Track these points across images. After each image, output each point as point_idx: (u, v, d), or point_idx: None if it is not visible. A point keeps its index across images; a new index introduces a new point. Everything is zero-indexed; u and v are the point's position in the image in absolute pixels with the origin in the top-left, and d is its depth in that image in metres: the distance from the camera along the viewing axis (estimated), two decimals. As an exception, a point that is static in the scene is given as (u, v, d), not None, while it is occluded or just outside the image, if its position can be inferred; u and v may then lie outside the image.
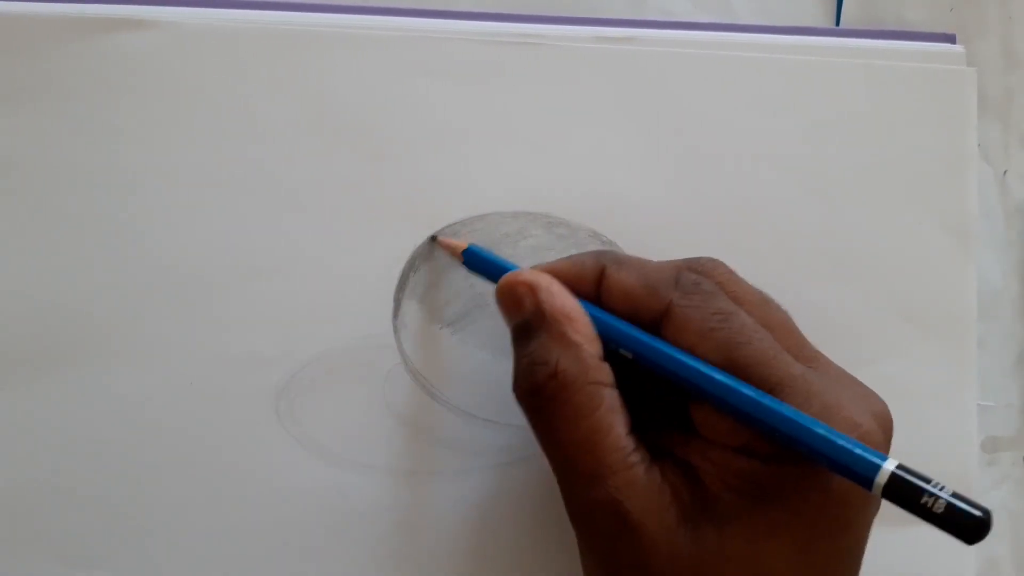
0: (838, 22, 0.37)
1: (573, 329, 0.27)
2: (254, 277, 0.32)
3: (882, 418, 0.26)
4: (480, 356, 0.32)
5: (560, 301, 0.27)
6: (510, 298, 0.28)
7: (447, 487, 0.32)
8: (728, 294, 0.27)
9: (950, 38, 0.36)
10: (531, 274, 0.28)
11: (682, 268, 0.28)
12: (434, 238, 0.32)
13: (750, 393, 0.25)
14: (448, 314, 0.33)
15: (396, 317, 0.33)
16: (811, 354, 0.27)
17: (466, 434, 0.33)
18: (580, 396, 0.26)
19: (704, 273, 0.28)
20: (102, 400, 0.32)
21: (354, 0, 0.35)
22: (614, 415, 0.26)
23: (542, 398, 0.26)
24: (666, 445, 0.27)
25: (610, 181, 0.34)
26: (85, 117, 0.32)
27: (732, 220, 0.34)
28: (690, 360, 0.26)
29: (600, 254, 0.29)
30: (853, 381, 0.27)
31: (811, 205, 0.34)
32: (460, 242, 0.31)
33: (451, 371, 0.33)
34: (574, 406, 0.26)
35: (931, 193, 0.35)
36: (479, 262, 0.31)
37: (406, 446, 0.32)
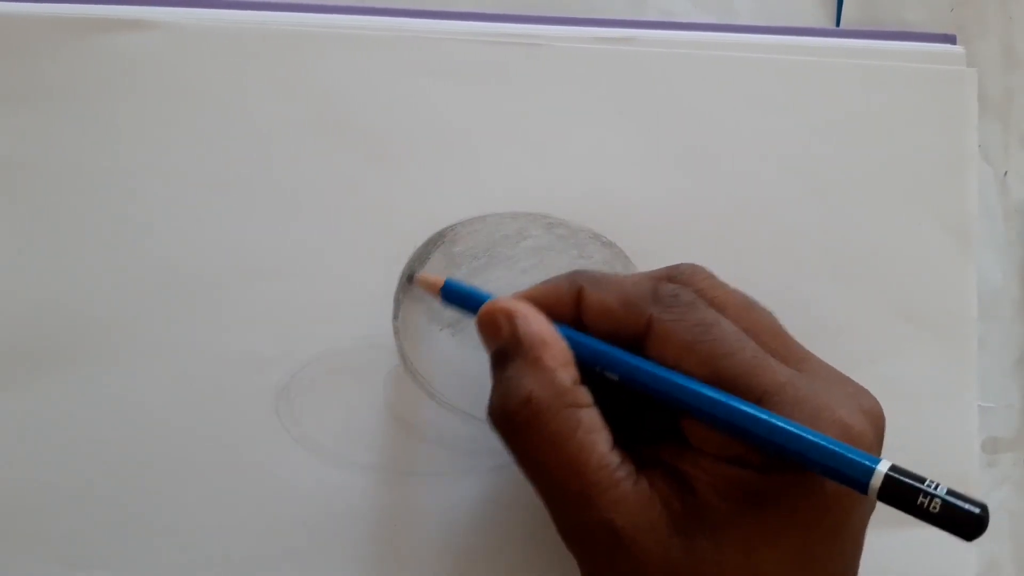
0: (838, 23, 0.37)
1: (548, 355, 0.27)
2: (254, 277, 0.32)
3: (873, 415, 0.26)
4: (480, 357, 0.32)
5: (536, 327, 0.27)
6: (489, 325, 0.28)
7: (447, 487, 0.32)
8: (709, 300, 0.27)
9: (950, 38, 0.36)
10: (508, 301, 0.28)
11: (660, 280, 0.28)
12: (411, 279, 0.32)
13: (738, 406, 0.25)
14: (448, 315, 0.33)
15: (396, 317, 0.33)
16: (799, 355, 0.27)
17: (466, 434, 0.33)
18: (556, 421, 0.26)
19: (683, 281, 0.28)
20: (102, 400, 0.32)
21: (354, 0, 0.35)
22: (594, 434, 0.26)
23: (515, 424, 0.26)
24: (656, 455, 0.27)
25: (610, 181, 0.34)
26: (85, 117, 0.32)
27: (732, 220, 0.34)
28: (675, 378, 0.26)
29: (575, 275, 0.29)
30: (842, 379, 0.27)
31: (811, 205, 0.34)
32: (437, 278, 0.31)
33: (451, 371, 0.33)
34: (551, 431, 0.26)
35: (931, 193, 0.35)
36: (457, 296, 0.31)
37: (406, 446, 0.32)
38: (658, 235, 0.34)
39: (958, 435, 0.34)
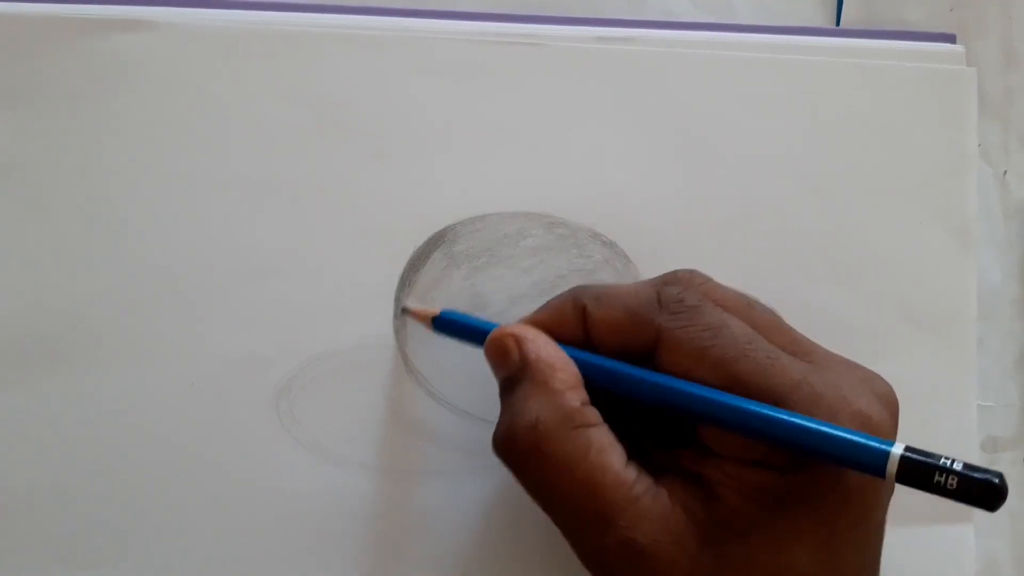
0: (838, 22, 0.37)
1: (556, 378, 0.26)
2: (254, 277, 0.32)
3: (887, 400, 0.26)
4: (480, 357, 0.32)
5: (544, 351, 0.27)
6: (498, 352, 0.28)
7: (447, 487, 0.32)
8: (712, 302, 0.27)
9: (950, 38, 0.36)
10: (517, 327, 0.28)
11: (661, 285, 0.27)
12: (405, 310, 0.32)
13: (752, 409, 0.25)
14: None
15: (396, 317, 0.33)
16: (806, 348, 0.27)
17: (466, 434, 0.33)
18: (566, 443, 0.25)
19: (684, 285, 0.27)
20: (102, 400, 0.32)
21: (354, 0, 0.35)
22: (607, 453, 0.25)
23: (521, 450, 0.26)
24: (673, 460, 0.27)
25: (610, 181, 0.34)
26: (84, 117, 0.32)
27: (732, 220, 0.34)
28: (689, 388, 0.26)
29: (577, 294, 0.28)
30: (852, 367, 0.27)
31: (811, 205, 0.34)
32: (431, 310, 0.31)
33: (451, 371, 0.33)
34: (562, 454, 0.25)
35: (931, 193, 0.35)
36: (451, 326, 0.31)
37: (406, 446, 0.32)
38: (658, 234, 0.34)
39: (958, 434, 0.34)
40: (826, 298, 0.34)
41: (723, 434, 0.26)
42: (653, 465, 0.26)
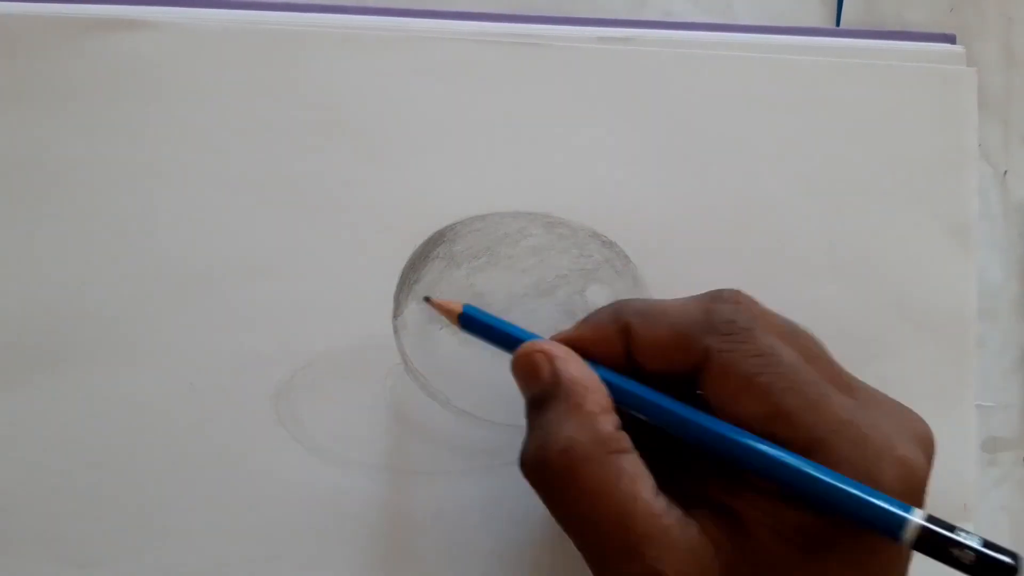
0: (838, 22, 0.37)
1: (590, 400, 0.26)
2: (254, 277, 0.32)
3: (926, 444, 0.25)
4: (480, 357, 0.32)
5: (577, 371, 0.26)
6: (528, 368, 0.27)
7: (447, 487, 0.32)
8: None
9: (950, 38, 0.36)
10: (549, 344, 0.27)
11: (709, 303, 0.26)
12: (428, 299, 0.32)
13: (782, 458, 0.24)
14: (448, 314, 0.33)
15: (396, 317, 0.33)
16: (847, 381, 0.26)
17: (466, 434, 0.33)
18: (598, 469, 0.25)
19: (734, 305, 0.26)
20: (102, 400, 0.32)
21: (354, 0, 0.35)
22: (638, 482, 0.25)
23: (552, 473, 0.25)
24: (705, 491, 0.26)
25: (610, 181, 0.34)
26: (85, 117, 0.32)
27: (732, 220, 0.34)
28: (720, 429, 0.25)
29: (619, 310, 0.27)
30: (894, 406, 0.26)
31: (811, 205, 0.34)
32: (455, 304, 0.30)
33: (451, 371, 0.33)
34: (593, 480, 0.25)
35: (931, 193, 0.35)
36: (476, 324, 0.30)
37: (406, 446, 0.32)
38: (658, 234, 0.34)
39: (958, 434, 0.34)
40: (826, 298, 0.34)
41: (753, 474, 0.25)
42: (682, 493, 0.25)
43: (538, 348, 0.27)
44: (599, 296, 0.33)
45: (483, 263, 0.33)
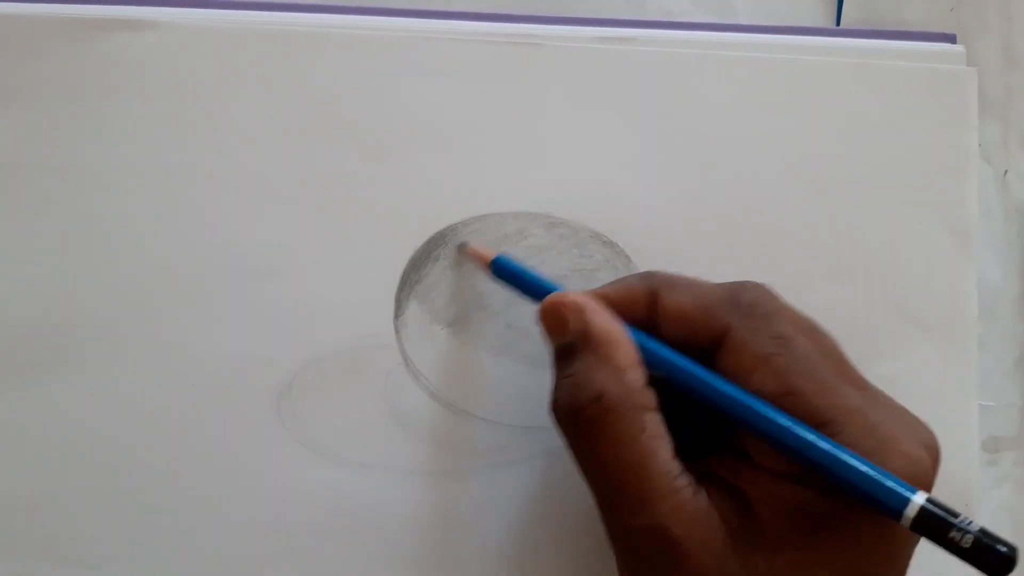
0: (838, 22, 0.37)
1: (620, 353, 0.26)
2: (254, 277, 0.32)
3: (932, 448, 0.26)
4: (481, 357, 0.32)
5: (607, 324, 0.27)
6: (555, 318, 0.27)
7: (448, 487, 0.32)
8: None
9: (950, 38, 0.36)
10: (578, 295, 0.28)
11: (737, 288, 0.27)
12: (462, 247, 0.32)
13: (794, 427, 0.25)
14: (449, 314, 0.33)
15: (397, 317, 0.33)
16: (860, 381, 0.27)
17: (467, 434, 0.33)
18: (624, 421, 0.25)
19: (758, 294, 0.27)
20: (102, 400, 0.32)
21: (354, 0, 0.35)
22: (658, 440, 0.25)
23: (582, 420, 0.26)
24: (713, 470, 0.27)
25: (610, 181, 0.34)
26: (85, 117, 0.32)
27: (732, 220, 0.34)
28: (737, 392, 0.26)
29: (650, 276, 0.28)
30: (903, 411, 0.27)
31: (811, 205, 0.34)
32: (489, 251, 0.31)
33: (452, 371, 0.33)
34: (618, 430, 0.25)
35: (931, 193, 0.35)
36: (508, 273, 0.31)
37: (407, 446, 0.32)
38: (658, 234, 0.34)
39: (958, 434, 0.34)
40: (826, 298, 0.34)
41: (765, 446, 0.26)
42: (693, 469, 0.26)
43: (567, 300, 0.27)
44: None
45: (484, 263, 0.33)
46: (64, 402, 0.32)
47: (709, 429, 0.27)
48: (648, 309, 0.28)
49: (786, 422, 0.25)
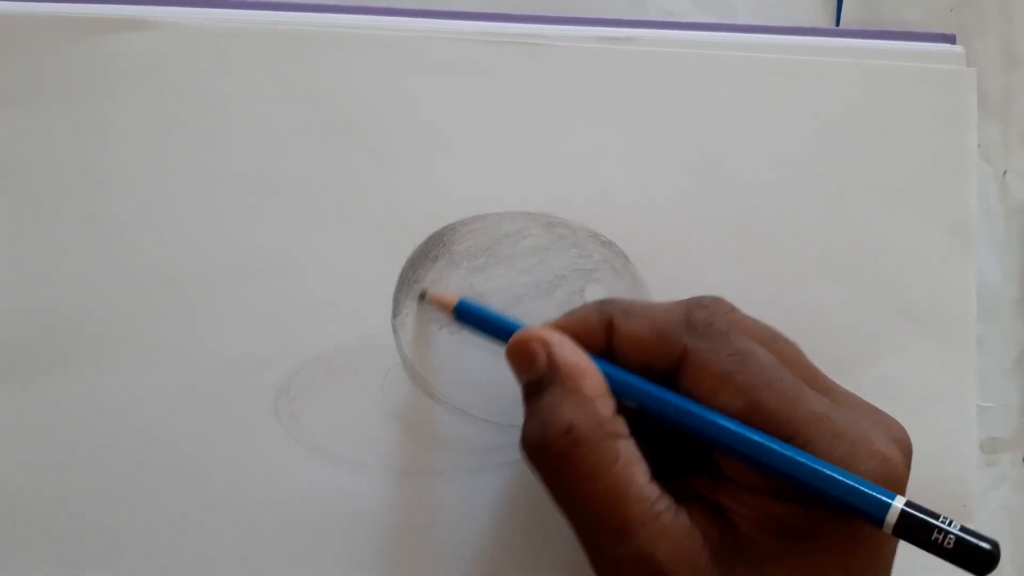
0: (838, 22, 0.37)
1: (588, 385, 0.26)
2: (254, 277, 0.32)
3: (903, 444, 0.26)
4: (480, 357, 0.32)
5: (574, 357, 0.27)
6: (523, 355, 0.27)
7: (446, 487, 0.32)
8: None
9: (950, 38, 0.36)
10: (543, 331, 0.28)
11: (691, 307, 0.27)
12: (423, 295, 0.32)
13: (768, 444, 0.25)
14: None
15: (396, 317, 0.33)
16: (826, 385, 0.27)
17: (465, 434, 0.33)
18: (596, 451, 0.25)
19: (712, 311, 0.27)
20: (102, 401, 0.32)
21: (354, 0, 0.35)
22: (633, 467, 0.25)
23: (553, 454, 0.26)
24: (692, 488, 0.27)
25: (610, 181, 0.34)
26: (85, 117, 0.32)
27: (732, 220, 0.34)
28: (707, 415, 0.26)
29: (604, 305, 0.28)
30: (870, 409, 0.27)
31: (811, 205, 0.34)
32: (450, 297, 0.31)
33: (451, 371, 0.33)
34: (591, 461, 0.25)
35: (931, 193, 0.35)
36: (473, 316, 0.31)
37: (406, 446, 0.32)
38: (658, 234, 0.34)
39: (957, 435, 0.34)
40: (826, 298, 0.34)
41: (740, 464, 0.26)
42: (670, 490, 0.26)
43: (534, 336, 0.27)
44: (598, 296, 0.33)
45: (483, 263, 0.33)
46: (64, 402, 0.32)
47: (685, 448, 0.27)
48: (605, 338, 0.28)
49: (757, 440, 0.25)
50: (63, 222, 0.32)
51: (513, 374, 0.28)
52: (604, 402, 0.26)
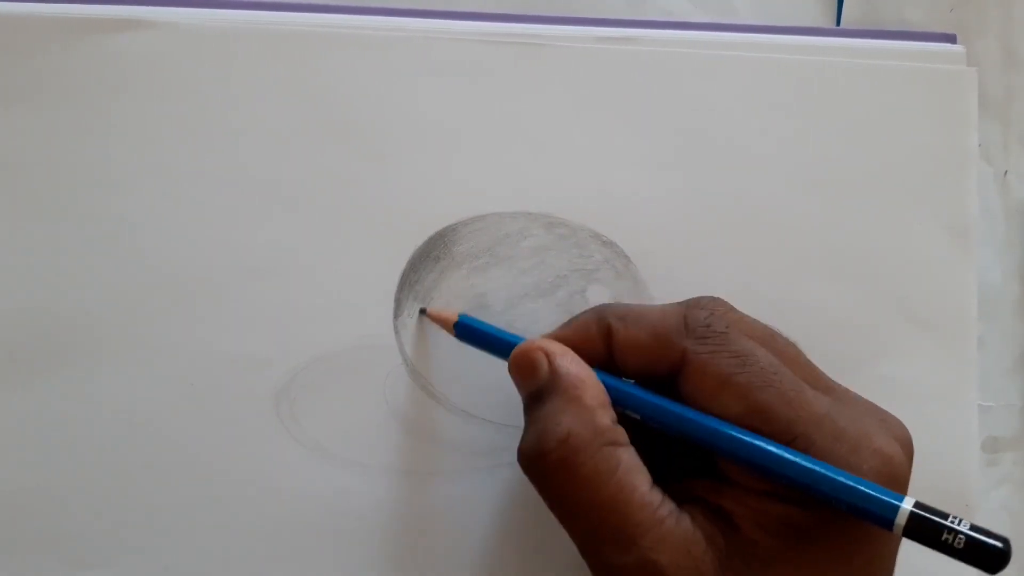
0: (838, 22, 0.37)
1: (588, 394, 0.26)
2: (254, 277, 0.32)
3: (904, 442, 0.26)
4: (480, 357, 0.32)
5: (574, 367, 0.27)
6: (526, 365, 0.27)
7: (447, 487, 0.32)
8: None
9: (950, 38, 0.36)
10: (545, 342, 0.28)
11: (687, 310, 0.27)
12: (423, 311, 0.32)
13: (771, 450, 0.25)
14: (448, 314, 0.33)
15: (396, 317, 0.33)
16: (826, 383, 0.27)
17: (466, 434, 0.33)
18: (595, 460, 0.25)
19: (709, 311, 0.27)
20: (102, 401, 0.32)
21: (354, 0, 0.35)
22: (634, 474, 0.25)
23: (550, 463, 0.26)
24: (695, 491, 0.27)
25: (610, 181, 0.34)
26: (85, 117, 0.32)
27: (732, 220, 0.34)
28: (709, 422, 0.26)
29: (601, 312, 0.28)
30: (871, 407, 0.27)
31: (811, 205, 0.34)
32: (451, 314, 0.31)
33: (451, 371, 0.33)
34: (590, 470, 0.25)
35: (931, 193, 0.35)
36: (472, 333, 0.31)
37: (406, 446, 0.32)
38: (658, 234, 0.34)
39: (958, 435, 0.34)
40: (826, 298, 0.34)
41: (744, 468, 0.26)
42: (672, 494, 0.26)
43: (536, 346, 0.27)
44: (599, 296, 0.33)
45: (483, 263, 0.33)
46: (64, 402, 0.32)
47: (688, 451, 0.27)
48: (605, 345, 0.28)
49: (762, 447, 0.25)
50: (63, 222, 0.32)
51: (516, 386, 0.28)
52: (604, 412, 0.26)
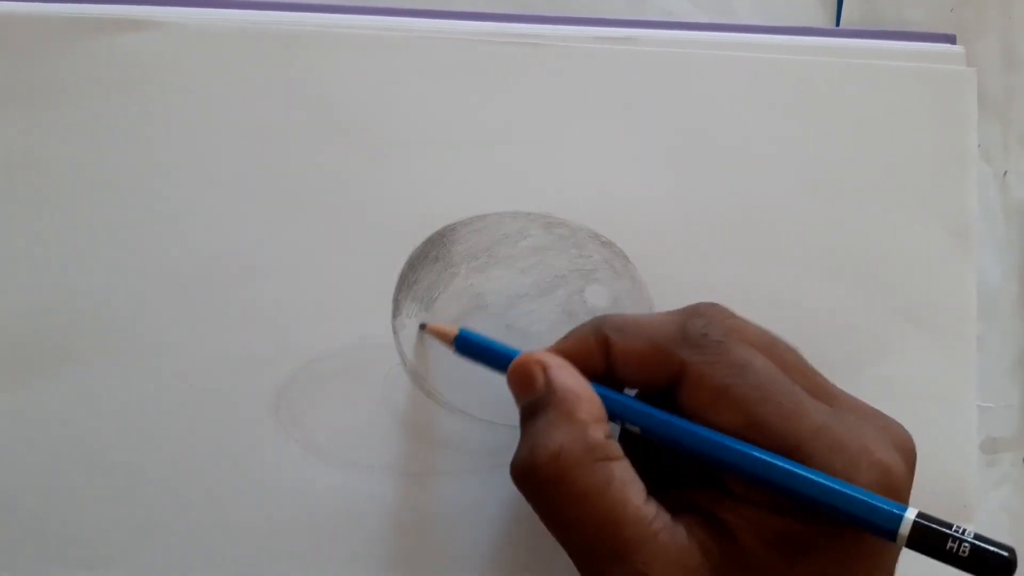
0: (838, 22, 0.37)
1: (582, 409, 0.26)
2: (254, 277, 0.32)
3: (905, 449, 0.26)
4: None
5: (571, 381, 0.27)
6: (523, 377, 0.27)
7: (446, 487, 0.32)
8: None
9: (950, 38, 0.36)
10: (543, 354, 0.28)
11: (685, 318, 0.27)
12: (423, 326, 0.32)
13: (771, 462, 0.25)
14: (448, 315, 0.33)
15: (396, 317, 0.33)
16: (826, 390, 0.27)
17: (465, 434, 0.33)
18: (588, 475, 0.25)
19: (708, 319, 0.27)
20: (102, 400, 0.32)
21: (354, 0, 0.35)
22: (627, 488, 0.25)
23: (541, 478, 0.25)
24: (693, 500, 0.26)
25: (609, 181, 0.34)
26: (85, 117, 0.32)
27: (732, 220, 0.34)
28: (707, 435, 0.26)
29: (598, 324, 0.28)
30: (873, 413, 0.27)
31: (811, 205, 0.34)
32: (450, 328, 0.31)
33: (451, 372, 0.33)
34: (583, 485, 0.25)
35: (931, 193, 0.35)
36: (471, 346, 0.30)
37: (406, 446, 0.32)
38: (658, 234, 0.34)
39: (957, 435, 0.34)
40: (826, 298, 0.34)
41: (743, 481, 0.26)
42: (670, 503, 0.26)
43: (534, 359, 0.27)
44: (598, 296, 0.33)
45: (482, 263, 0.33)
46: (63, 402, 0.32)
47: (686, 461, 0.27)
48: (603, 357, 0.28)
49: (761, 459, 0.25)
50: (64, 222, 0.32)
51: (514, 398, 0.28)
52: (597, 426, 0.26)
